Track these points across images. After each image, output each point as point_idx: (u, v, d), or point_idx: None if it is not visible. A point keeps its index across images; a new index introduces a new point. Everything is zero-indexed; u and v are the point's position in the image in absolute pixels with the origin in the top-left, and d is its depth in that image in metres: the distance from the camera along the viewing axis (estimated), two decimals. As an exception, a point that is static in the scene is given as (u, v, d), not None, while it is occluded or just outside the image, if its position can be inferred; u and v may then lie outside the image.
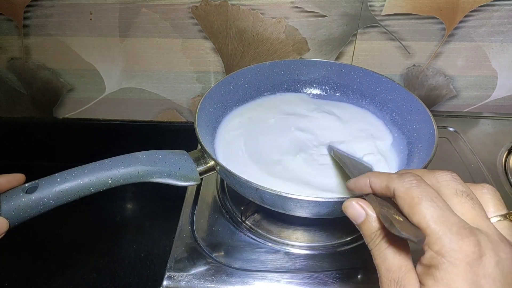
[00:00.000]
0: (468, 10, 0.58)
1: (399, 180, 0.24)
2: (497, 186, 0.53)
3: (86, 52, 0.65)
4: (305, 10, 0.59)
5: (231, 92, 0.56)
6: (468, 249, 0.20)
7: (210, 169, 0.42)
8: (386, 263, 0.23)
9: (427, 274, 0.21)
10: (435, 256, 0.21)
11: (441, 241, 0.21)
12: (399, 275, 0.22)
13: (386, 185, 0.25)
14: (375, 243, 0.24)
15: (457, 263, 0.20)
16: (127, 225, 0.65)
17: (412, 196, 0.23)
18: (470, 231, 0.21)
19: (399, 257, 0.23)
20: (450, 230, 0.21)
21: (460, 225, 0.21)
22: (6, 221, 0.33)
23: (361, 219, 0.26)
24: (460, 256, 0.20)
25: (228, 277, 0.42)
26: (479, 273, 0.20)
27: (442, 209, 0.22)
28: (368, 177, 0.27)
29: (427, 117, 0.47)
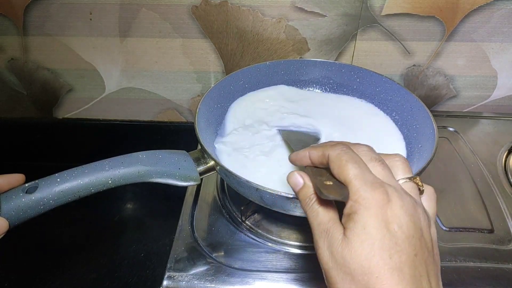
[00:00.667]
0: (468, 10, 0.58)
1: (332, 148, 0.29)
2: (497, 186, 0.53)
3: (86, 52, 0.65)
4: (305, 10, 0.59)
5: (231, 92, 0.56)
6: (378, 196, 0.26)
7: (210, 169, 0.42)
8: (317, 219, 0.28)
9: (348, 220, 0.26)
10: (353, 204, 0.26)
11: (358, 192, 0.26)
12: (328, 226, 0.27)
13: (322, 153, 0.30)
14: (309, 205, 0.29)
15: (370, 207, 0.25)
16: (126, 225, 0.65)
17: (341, 159, 0.28)
18: (381, 184, 0.26)
19: (328, 213, 0.28)
20: (365, 183, 0.26)
21: (373, 180, 0.27)
22: (6, 221, 0.33)
23: (299, 187, 0.30)
24: (372, 202, 0.25)
25: (228, 277, 0.42)
26: (387, 213, 0.25)
27: (362, 169, 0.27)
28: (308, 150, 0.32)
29: (427, 117, 0.47)
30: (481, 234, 0.47)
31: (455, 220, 0.49)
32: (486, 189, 0.53)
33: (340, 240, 0.26)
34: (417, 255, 0.25)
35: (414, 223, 0.26)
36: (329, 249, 0.26)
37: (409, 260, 0.24)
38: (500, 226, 0.48)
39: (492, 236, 0.47)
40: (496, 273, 0.43)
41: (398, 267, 0.24)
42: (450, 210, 0.50)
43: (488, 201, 0.51)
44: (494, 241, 0.46)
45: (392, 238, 0.25)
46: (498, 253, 0.45)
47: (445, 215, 0.49)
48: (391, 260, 0.24)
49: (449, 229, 0.48)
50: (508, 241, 0.46)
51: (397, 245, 0.25)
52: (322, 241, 0.27)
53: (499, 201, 0.51)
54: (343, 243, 0.26)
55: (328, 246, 0.26)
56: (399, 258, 0.24)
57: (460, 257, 0.44)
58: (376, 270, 0.24)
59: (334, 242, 0.26)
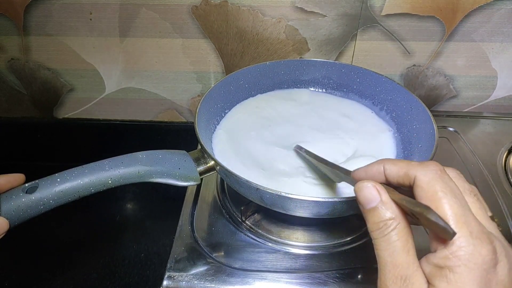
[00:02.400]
0: (468, 10, 0.58)
1: (421, 168, 0.22)
2: (497, 186, 0.53)
3: (86, 52, 0.65)
4: (305, 10, 0.59)
5: (231, 92, 0.56)
6: (486, 256, 0.20)
7: (210, 169, 0.42)
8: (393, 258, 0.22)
9: (439, 276, 0.21)
10: (450, 257, 0.20)
11: (460, 243, 0.20)
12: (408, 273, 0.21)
13: (405, 173, 0.23)
14: (383, 233, 0.22)
15: (474, 268, 0.20)
16: (127, 225, 0.65)
17: (436, 189, 0.21)
18: (488, 236, 0.21)
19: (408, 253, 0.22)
20: (471, 232, 0.20)
21: (479, 229, 0.21)
22: (6, 221, 0.33)
23: (373, 204, 0.23)
24: (478, 262, 0.20)
25: (228, 277, 0.42)
26: (492, 279, 0.20)
27: (464, 209, 0.21)
28: (382, 163, 0.25)
29: (427, 117, 0.47)
30: (481, 234, 0.47)
31: (455, 220, 0.49)
32: (486, 189, 0.53)
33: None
34: None
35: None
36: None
37: None
38: (501, 227, 0.48)
39: (492, 236, 0.47)
40: (496, 273, 0.43)
41: None
42: (450, 210, 0.50)
43: (488, 201, 0.51)
44: (494, 241, 0.46)
45: None
46: (498, 253, 0.45)
47: (445, 215, 0.49)
48: None
49: (449, 229, 0.48)
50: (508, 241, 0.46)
51: None
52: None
53: (499, 201, 0.51)
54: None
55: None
56: None
57: (460, 257, 0.44)
58: None
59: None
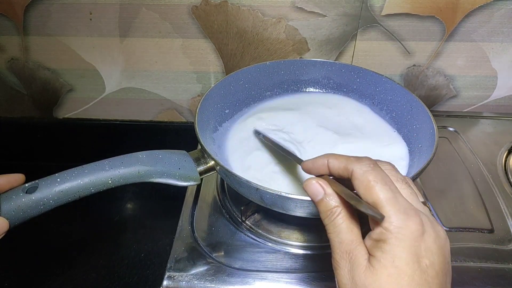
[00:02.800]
0: (468, 10, 0.58)
1: (357, 163, 0.26)
2: (497, 186, 0.53)
3: (86, 52, 0.65)
4: (305, 10, 0.59)
5: (231, 92, 0.56)
6: (413, 227, 0.24)
7: (210, 169, 0.42)
8: (339, 237, 0.26)
9: (376, 247, 0.24)
10: (384, 232, 0.24)
11: (391, 219, 0.24)
12: (351, 247, 0.25)
13: (345, 166, 0.27)
14: (330, 219, 0.26)
15: (403, 238, 0.23)
16: (127, 225, 0.65)
17: (368, 179, 0.25)
18: (415, 211, 0.24)
19: (351, 232, 0.26)
20: (399, 210, 0.24)
21: (407, 206, 0.24)
22: (6, 221, 0.33)
23: (319, 197, 0.27)
24: (406, 233, 0.23)
25: (228, 277, 0.42)
26: (420, 246, 0.24)
27: (393, 192, 0.25)
28: (326, 158, 0.28)
29: (427, 117, 0.47)
30: (481, 234, 0.47)
31: (455, 220, 0.49)
32: (486, 189, 0.53)
33: (364, 267, 0.24)
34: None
35: (444, 257, 0.24)
36: (351, 273, 0.25)
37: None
38: (500, 226, 0.48)
39: (492, 236, 0.47)
40: (496, 273, 0.43)
41: None
42: (450, 210, 0.50)
43: (488, 201, 0.51)
44: (494, 241, 0.46)
45: (422, 274, 0.23)
46: (498, 253, 0.45)
47: (445, 215, 0.49)
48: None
49: (449, 229, 0.48)
50: (508, 241, 0.46)
51: (427, 282, 0.23)
52: (343, 262, 0.25)
53: (499, 201, 0.51)
54: (367, 271, 0.24)
55: (349, 269, 0.25)
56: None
57: (460, 257, 0.44)
58: None
59: (357, 268, 0.24)
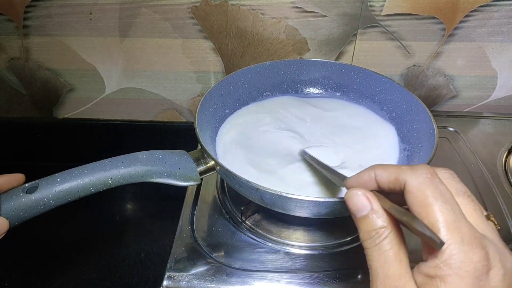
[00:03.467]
0: (468, 10, 0.58)
1: (412, 173, 0.22)
2: (497, 186, 0.53)
3: (86, 52, 0.65)
4: (305, 10, 0.59)
5: (231, 92, 0.56)
6: (478, 263, 0.19)
7: (210, 169, 0.42)
8: (385, 268, 0.21)
9: (430, 285, 0.20)
10: (441, 266, 0.20)
11: (451, 251, 0.19)
12: (399, 284, 0.21)
13: (396, 178, 0.22)
14: (374, 242, 0.22)
15: (465, 276, 0.19)
16: (127, 225, 0.65)
17: (426, 194, 0.21)
18: (481, 241, 0.20)
19: (400, 263, 0.21)
20: (462, 239, 0.19)
21: (471, 234, 0.20)
22: (6, 221, 0.33)
23: (364, 213, 0.23)
24: (469, 270, 0.19)
25: (228, 277, 0.42)
26: (485, 287, 0.19)
27: (455, 214, 0.20)
28: (373, 170, 0.24)
29: (427, 117, 0.47)
30: (481, 234, 0.47)
31: (455, 220, 0.49)
32: (486, 189, 0.53)
33: None
34: None
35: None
36: None
37: None
38: (500, 226, 0.48)
39: (492, 236, 0.47)
40: (496, 273, 0.43)
41: None
42: (450, 210, 0.50)
43: (488, 201, 0.51)
44: (494, 241, 0.46)
45: None
46: (498, 253, 0.45)
47: (445, 215, 0.49)
48: None
49: (449, 229, 0.48)
50: (508, 241, 0.46)
51: None
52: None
53: (499, 201, 0.51)
54: None
55: None
56: None
57: (460, 257, 0.44)
58: None
59: None
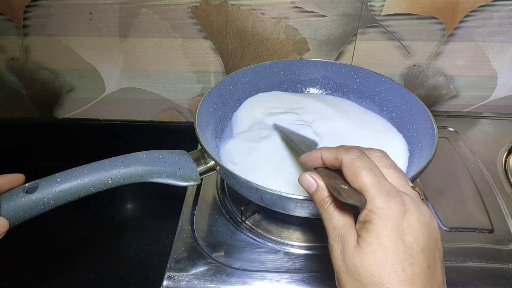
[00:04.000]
0: (468, 10, 0.58)
1: (346, 152, 0.29)
2: (497, 186, 0.53)
3: (86, 52, 0.65)
4: (305, 10, 0.59)
5: (231, 92, 0.56)
6: (395, 207, 0.25)
7: (210, 169, 0.42)
8: (332, 223, 0.28)
9: (362, 228, 0.26)
10: (368, 213, 0.26)
11: (374, 201, 0.26)
12: (342, 231, 0.27)
13: (335, 157, 0.29)
14: (324, 208, 0.29)
15: (385, 217, 0.25)
16: (127, 225, 0.65)
17: (355, 166, 0.27)
18: (397, 193, 0.26)
19: (343, 217, 0.28)
20: (381, 192, 0.26)
21: (390, 188, 0.26)
22: (6, 221, 0.33)
23: (313, 189, 0.30)
24: (388, 213, 0.25)
25: (228, 277, 0.42)
26: (403, 225, 0.25)
27: (377, 176, 0.27)
28: (320, 151, 0.31)
29: (427, 117, 0.47)
30: (481, 234, 0.47)
31: (455, 220, 0.49)
32: (486, 189, 0.53)
33: (353, 247, 0.26)
34: (430, 267, 0.25)
35: (430, 234, 0.26)
36: (342, 254, 0.27)
37: (422, 272, 0.24)
38: (500, 226, 0.48)
39: (492, 236, 0.47)
40: (496, 273, 0.43)
41: (410, 279, 0.24)
42: (450, 210, 0.50)
43: (488, 201, 0.51)
44: (494, 241, 0.46)
45: (406, 250, 0.25)
46: (498, 253, 0.45)
47: (445, 215, 0.49)
48: (404, 272, 0.24)
49: (449, 229, 0.48)
50: (508, 241, 0.46)
51: (411, 257, 0.25)
52: (336, 245, 0.27)
53: (499, 201, 0.51)
54: (355, 250, 0.26)
55: (341, 250, 0.27)
56: (412, 271, 0.24)
57: (460, 257, 0.44)
58: (386, 281, 0.24)
59: (347, 248, 0.26)
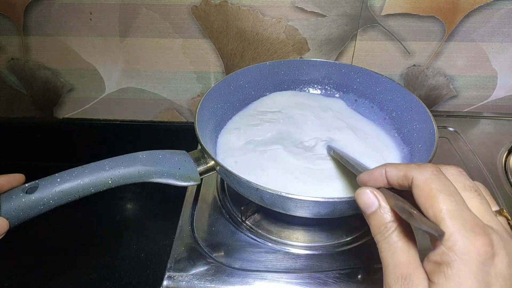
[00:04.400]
0: (468, 10, 0.58)
1: (418, 169, 0.24)
2: (497, 186, 0.53)
3: (86, 52, 0.65)
4: (305, 10, 0.59)
5: (231, 92, 0.56)
6: (481, 248, 0.20)
7: (210, 169, 0.42)
8: (394, 258, 0.23)
9: (437, 272, 0.21)
10: (447, 252, 0.21)
11: (455, 238, 0.21)
12: (408, 271, 0.22)
13: (404, 174, 0.24)
14: (384, 236, 0.24)
15: (469, 261, 0.20)
16: (127, 225, 0.65)
17: (431, 187, 0.22)
18: (484, 229, 0.21)
19: (409, 252, 0.23)
20: (464, 226, 0.21)
21: (474, 222, 0.21)
22: (6, 221, 0.33)
23: (372, 209, 0.25)
24: (473, 255, 0.20)
25: (228, 277, 0.42)
26: (490, 273, 0.20)
27: (458, 204, 0.22)
28: (384, 167, 0.26)
29: (427, 117, 0.47)
30: (481, 234, 0.47)
31: (455, 220, 0.49)
32: (486, 189, 0.53)
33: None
34: None
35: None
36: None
37: None
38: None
39: (492, 236, 0.47)
40: (496, 273, 0.43)
41: None
42: (450, 210, 0.50)
43: (488, 201, 0.51)
44: (494, 241, 0.46)
45: None
46: (498, 253, 0.45)
47: (445, 215, 0.49)
48: None
49: (449, 229, 0.48)
50: (508, 241, 0.46)
51: None
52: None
53: (499, 201, 0.51)
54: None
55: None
56: None
57: (460, 257, 0.44)
58: None
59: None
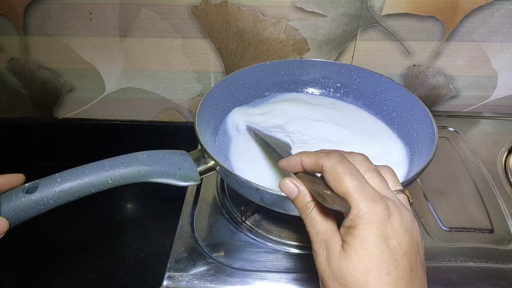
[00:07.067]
0: (468, 10, 0.58)
1: (326, 157, 0.29)
2: (497, 186, 0.53)
3: (86, 52, 0.65)
4: (305, 10, 0.59)
5: (231, 92, 0.56)
6: (380, 211, 0.26)
7: (210, 169, 0.42)
8: (316, 228, 0.28)
9: (348, 233, 0.26)
10: (354, 218, 0.26)
11: (359, 206, 0.26)
12: (326, 236, 0.27)
13: (316, 162, 0.29)
14: (306, 213, 0.29)
15: (371, 222, 0.25)
16: (127, 225, 0.65)
17: (337, 171, 0.27)
18: (381, 197, 0.27)
19: (326, 222, 0.28)
20: (366, 197, 0.26)
21: (374, 193, 0.27)
22: (6, 221, 0.33)
23: (294, 194, 0.30)
24: (373, 217, 0.25)
25: (228, 277, 0.42)
26: (387, 229, 0.26)
27: (361, 182, 0.27)
28: (299, 156, 0.31)
29: (427, 117, 0.47)
30: (481, 234, 0.47)
31: (455, 220, 0.49)
32: (486, 189, 0.53)
33: (338, 253, 0.26)
34: (413, 270, 0.25)
35: (412, 238, 0.26)
36: (327, 259, 0.27)
37: (406, 275, 0.25)
38: (500, 226, 0.48)
39: (492, 236, 0.47)
40: (496, 273, 0.43)
41: (395, 282, 0.25)
42: (450, 210, 0.50)
43: (488, 201, 0.51)
44: (494, 241, 0.46)
45: (391, 254, 0.25)
46: (498, 253, 0.45)
47: (445, 215, 0.49)
48: (389, 276, 0.25)
49: (449, 229, 0.48)
50: (508, 241, 0.46)
51: (396, 261, 0.25)
52: (320, 251, 0.27)
53: (499, 201, 0.51)
54: (340, 255, 0.26)
55: (326, 256, 0.27)
56: (396, 274, 0.25)
57: (460, 257, 0.44)
58: (372, 285, 0.24)
59: (332, 254, 0.26)
